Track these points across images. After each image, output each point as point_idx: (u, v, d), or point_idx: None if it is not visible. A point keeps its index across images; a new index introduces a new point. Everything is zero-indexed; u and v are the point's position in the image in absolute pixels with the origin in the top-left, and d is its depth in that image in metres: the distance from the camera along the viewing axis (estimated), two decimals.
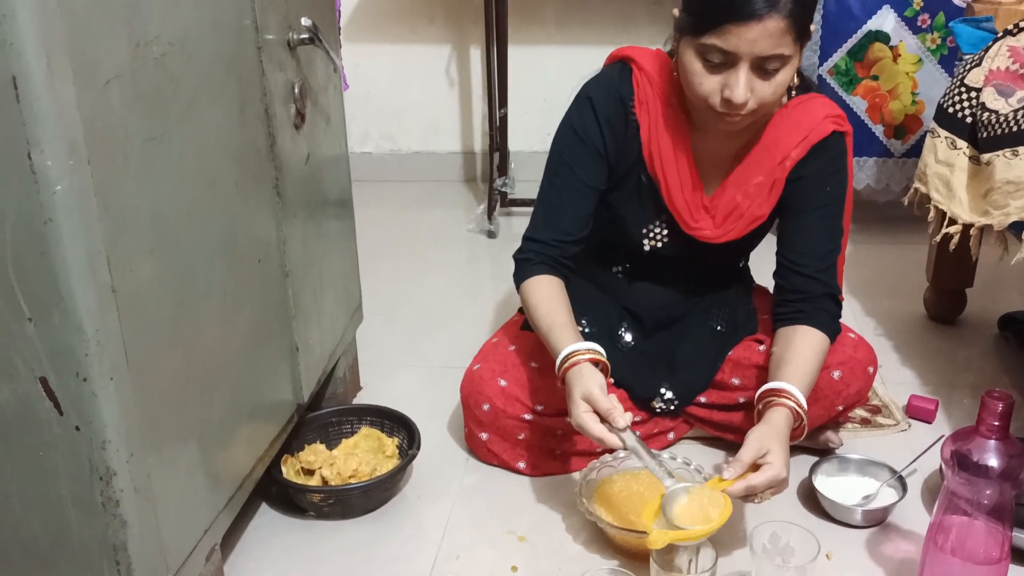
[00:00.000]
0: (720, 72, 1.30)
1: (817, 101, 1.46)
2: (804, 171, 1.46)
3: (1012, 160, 1.54)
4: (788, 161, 1.45)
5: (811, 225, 1.48)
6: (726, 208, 1.49)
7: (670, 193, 1.48)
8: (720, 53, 1.28)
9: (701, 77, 1.31)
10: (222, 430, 1.19)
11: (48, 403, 0.92)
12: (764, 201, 1.48)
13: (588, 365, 1.35)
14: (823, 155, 1.45)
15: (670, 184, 1.47)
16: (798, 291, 1.46)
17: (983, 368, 1.93)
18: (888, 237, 2.57)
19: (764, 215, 1.50)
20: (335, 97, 1.57)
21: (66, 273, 0.87)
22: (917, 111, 2.44)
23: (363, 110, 3.12)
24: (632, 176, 1.50)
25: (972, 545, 1.15)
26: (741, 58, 1.27)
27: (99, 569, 1.00)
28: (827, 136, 1.45)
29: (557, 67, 2.99)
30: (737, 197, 1.48)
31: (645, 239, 1.54)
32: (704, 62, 1.30)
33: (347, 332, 1.71)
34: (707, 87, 1.31)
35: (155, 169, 1.00)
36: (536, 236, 1.50)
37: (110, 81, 0.91)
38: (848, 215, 1.53)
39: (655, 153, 1.46)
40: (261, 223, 1.29)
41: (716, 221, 1.50)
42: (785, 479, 1.26)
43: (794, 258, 1.48)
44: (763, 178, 1.47)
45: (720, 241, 1.51)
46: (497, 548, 1.39)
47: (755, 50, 1.26)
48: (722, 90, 1.30)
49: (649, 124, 1.45)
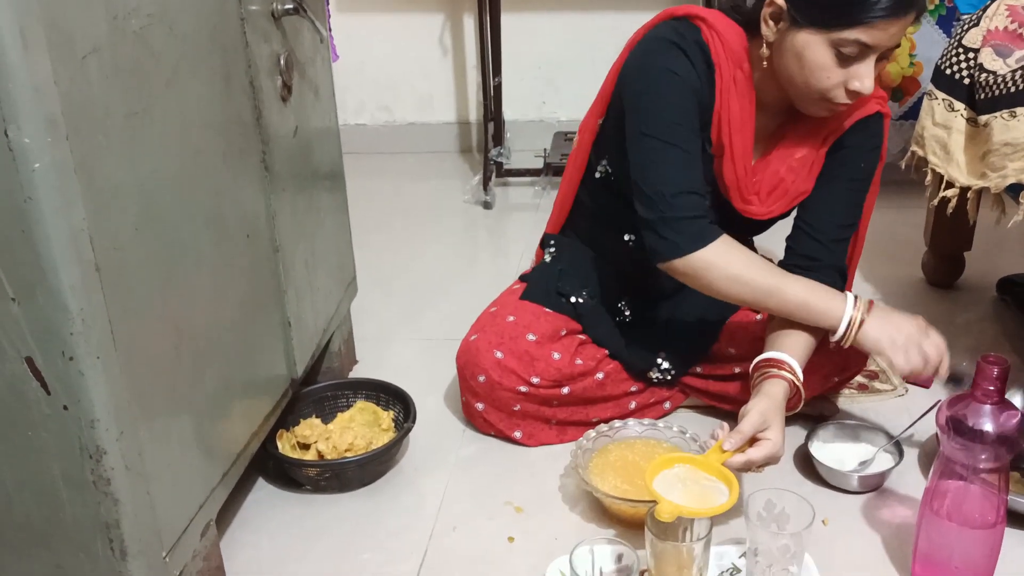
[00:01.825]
0: (848, 64, 1.27)
1: None
2: (843, 143, 1.44)
3: (1010, 121, 1.52)
4: (832, 136, 1.44)
5: (838, 195, 1.46)
6: (770, 183, 1.45)
7: (734, 162, 1.41)
8: (858, 46, 1.24)
9: (830, 71, 1.27)
10: (215, 406, 1.19)
11: (35, 383, 0.92)
12: (808, 176, 1.45)
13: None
14: (864, 131, 1.44)
15: (735, 153, 1.41)
16: (807, 256, 1.44)
17: (981, 332, 1.92)
18: (885, 201, 2.53)
19: (808, 190, 1.46)
20: (323, 68, 1.55)
21: (49, 252, 0.87)
22: (915, 72, 2.42)
23: (357, 81, 3.10)
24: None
25: (968, 509, 1.15)
26: (876, 51, 1.25)
27: (93, 547, 1.00)
28: (871, 114, 1.43)
29: (551, 34, 2.96)
30: (781, 171, 1.45)
31: None
32: (838, 55, 1.26)
33: (341, 306, 1.70)
34: (834, 80, 1.28)
35: (138, 144, 0.98)
36: (690, 188, 1.34)
37: (88, 55, 0.89)
38: (872, 200, 1.51)
39: (724, 119, 1.39)
40: (249, 197, 1.27)
41: (760, 196, 1.46)
42: (781, 455, 1.27)
43: (812, 222, 1.45)
44: (806, 153, 1.44)
45: (766, 218, 1.48)
46: (494, 519, 1.39)
47: (893, 42, 1.25)
48: (847, 82, 1.27)
49: (722, 88, 1.38)
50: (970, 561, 1.17)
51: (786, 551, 1.14)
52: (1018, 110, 1.51)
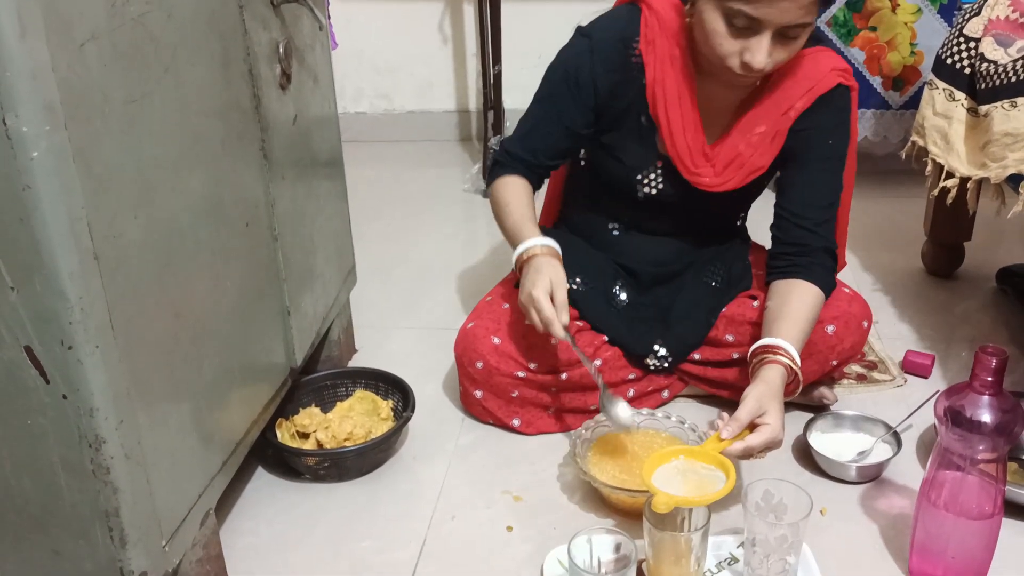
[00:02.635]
0: (742, 36, 1.28)
1: (824, 54, 1.45)
2: (807, 123, 1.45)
3: (1010, 112, 1.52)
4: (792, 112, 1.44)
5: (813, 178, 1.47)
6: (727, 156, 1.48)
7: (672, 136, 1.46)
8: (747, 19, 1.26)
9: (722, 39, 1.30)
10: (214, 394, 1.19)
11: (34, 371, 0.91)
12: (766, 151, 1.47)
13: (557, 262, 1.42)
14: (827, 107, 1.45)
15: (672, 126, 1.46)
16: (795, 244, 1.46)
17: (981, 322, 1.92)
18: (886, 190, 2.55)
19: (765, 165, 1.49)
20: (322, 56, 1.54)
21: (47, 240, 0.86)
22: (916, 62, 2.41)
23: (356, 69, 3.09)
24: (630, 117, 1.49)
25: (965, 500, 1.15)
26: (767, 26, 1.26)
27: (92, 535, 1.00)
28: (832, 88, 1.44)
29: (551, 22, 2.93)
30: (740, 146, 1.47)
31: (640, 185, 1.53)
32: (728, 25, 1.28)
33: (340, 294, 1.70)
34: (727, 48, 1.30)
35: (136, 131, 0.98)
36: (511, 148, 1.56)
37: (86, 42, 0.89)
38: (851, 172, 1.52)
39: (659, 94, 1.45)
40: (248, 185, 1.27)
41: (716, 169, 1.48)
42: (781, 439, 1.26)
43: (793, 209, 1.47)
44: (766, 128, 1.45)
45: (719, 189, 1.50)
46: (492, 508, 1.39)
47: (783, 20, 1.26)
48: (742, 53, 1.29)
49: (655, 64, 1.44)
50: (967, 552, 1.17)
51: (784, 541, 1.14)
52: (1019, 100, 1.51)
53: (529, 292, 1.37)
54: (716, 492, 1.18)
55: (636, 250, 1.62)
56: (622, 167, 1.53)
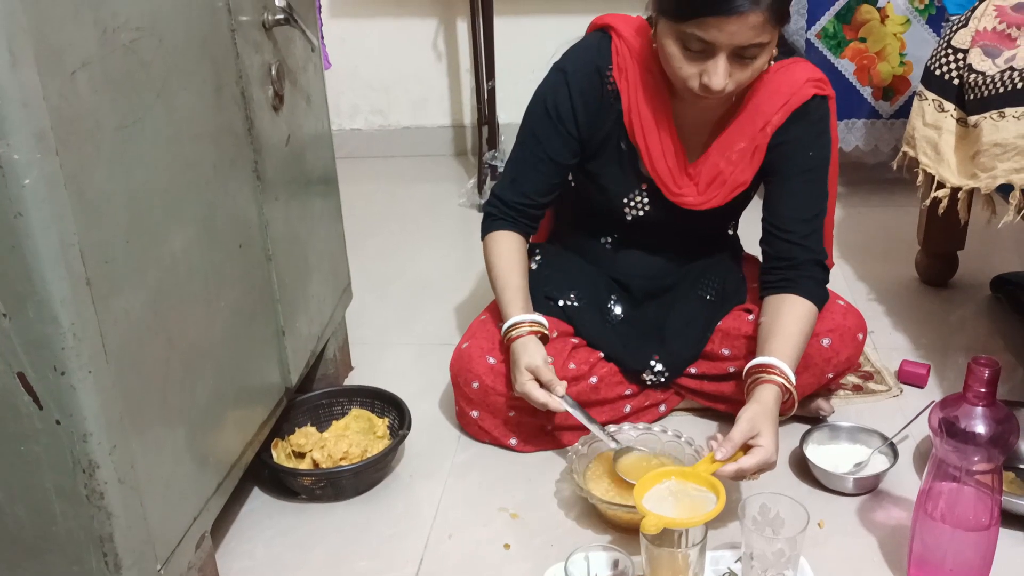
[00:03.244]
0: (699, 59, 1.30)
1: (798, 66, 1.45)
2: (786, 136, 1.45)
3: (999, 122, 1.53)
4: (769, 127, 1.45)
5: (795, 190, 1.47)
6: (709, 175, 1.49)
7: (652, 160, 1.48)
8: (700, 42, 1.28)
9: (680, 62, 1.32)
10: (208, 417, 1.19)
11: (27, 398, 0.91)
12: (747, 167, 1.48)
13: (533, 339, 1.45)
14: (804, 119, 1.45)
15: (652, 151, 1.47)
16: (784, 258, 1.46)
17: (976, 330, 1.93)
18: (878, 200, 2.56)
19: (747, 181, 1.49)
20: (315, 77, 1.55)
21: (39, 267, 0.86)
22: (905, 72, 2.42)
23: (351, 86, 3.10)
24: (611, 144, 1.50)
25: (962, 511, 1.15)
26: (720, 49, 1.28)
27: (86, 560, 1.00)
28: (808, 100, 1.44)
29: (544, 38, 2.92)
30: (720, 164, 1.48)
31: (627, 208, 1.54)
32: (683, 49, 1.31)
33: (336, 312, 1.70)
34: (685, 72, 1.32)
35: (128, 157, 0.98)
36: (502, 195, 1.56)
37: (77, 70, 0.89)
38: (834, 180, 1.52)
39: (635, 121, 1.46)
40: (241, 207, 1.27)
41: (699, 188, 1.49)
42: (775, 461, 1.27)
43: (780, 224, 1.47)
44: (745, 144, 1.46)
45: (703, 208, 1.51)
46: (490, 526, 1.39)
47: (734, 41, 1.27)
48: (700, 75, 1.31)
49: (629, 92, 1.45)
50: (965, 563, 1.17)
51: (781, 555, 1.14)
52: (1007, 110, 1.52)
53: (516, 390, 1.44)
54: (705, 514, 1.18)
55: (629, 264, 1.62)
56: (608, 193, 1.54)
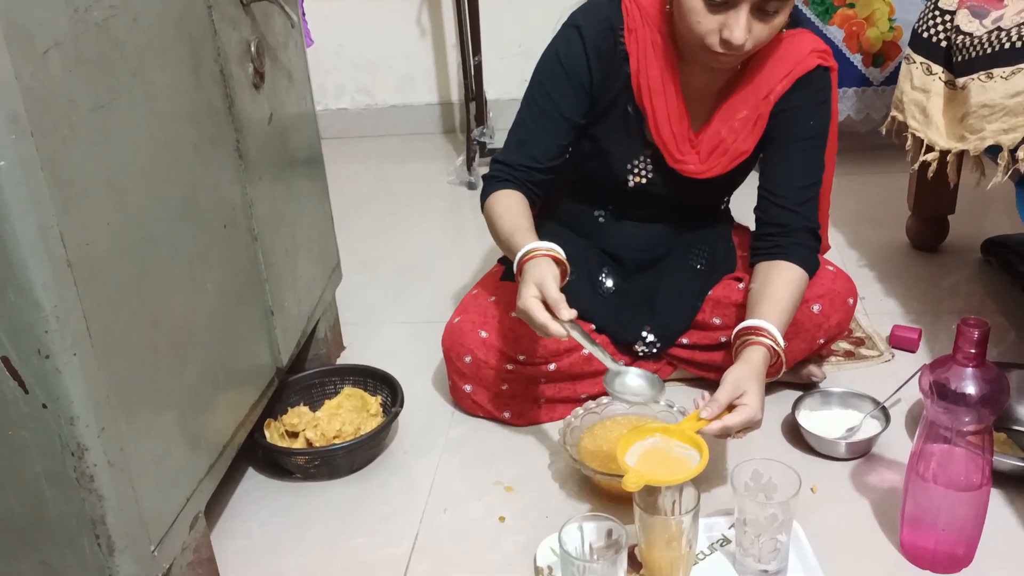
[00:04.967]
0: (720, 12, 1.28)
1: (803, 36, 1.45)
2: (788, 104, 1.45)
3: (987, 83, 1.52)
4: (772, 95, 1.44)
5: (793, 158, 1.47)
6: (711, 142, 1.48)
7: (657, 124, 1.46)
8: None
9: (700, 16, 1.30)
10: (198, 398, 1.18)
11: (13, 382, 0.91)
12: (748, 135, 1.47)
13: (547, 259, 1.33)
14: (807, 88, 1.44)
15: (657, 115, 1.45)
16: (777, 224, 1.46)
17: (967, 294, 1.93)
18: (870, 167, 2.55)
19: (748, 150, 1.49)
20: (296, 54, 1.53)
21: (18, 250, 0.86)
22: (895, 37, 2.40)
23: (336, 65, 3.08)
24: (618, 107, 1.48)
25: (953, 472, 1.15)
26: (743, 0, 1.25)
27: (79, 543, 1.00)
28: (811, 70, 1.43)
29: (531, 11, 2.93)
30: (722, 131, 1.47)
31: (630, 175, 1.53)
32: (705, 1, 1.28)
33: (326, 292, 1.70)
34: (706, 26, 1.30)
35: (105, 138, 0.97)
36: (506, 159, 1.50)
37: (49, 50, 0.88)
38: (832, 153, 1.51)
39: (643, 83, 1.44)
40: (224, 187, 1.26)
41: (701, 156, 1.48)
42: (759, 420, 1.26)
43: (775, 190, 1.47)
44: (748, 112, 1.45)
45: (705, 176, 1.50)
46: (484, 500, 1.39)
47: None
48: (720, 30, 1.29)
49: (638, 54, 1.43)
50: (957, 523, 1.18)
51: (774, 520, 1.15)
52: (995, 71, 1.51)
53: (518, 306, 1.31)
54: (689, 471, 1.18)
55: (621, 236, 1.62)
56: (611, 158, 1.52)
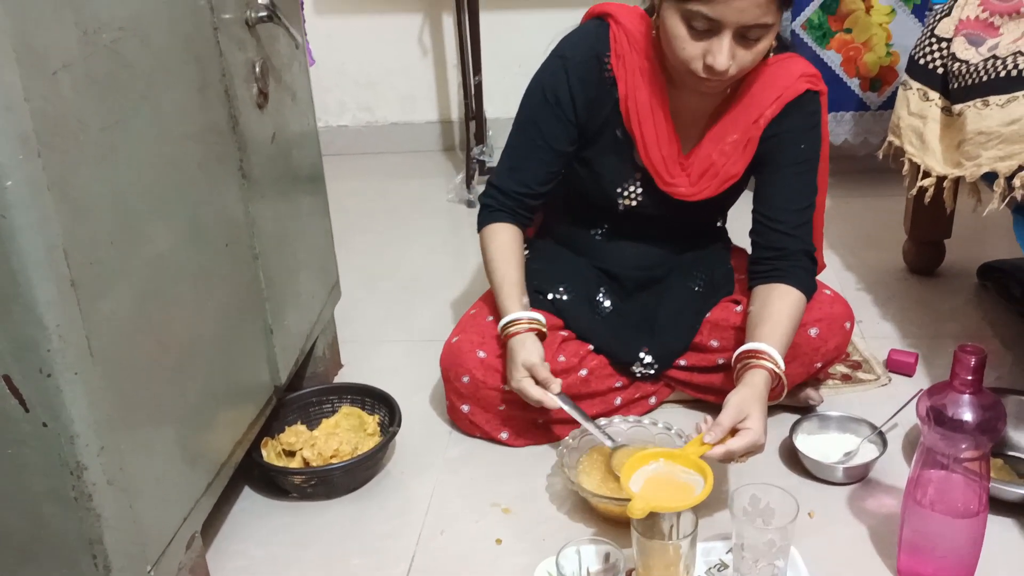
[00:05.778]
0: (703, 39, 1.30)
1: (793, 60, 1.46)
2: (778, 128, 1.46)
3: (983, 110, 1.53)
4: (762, 120, 1.45)
5: (787, 182, 1.48)
6: (701, 166, 1.49)
7: (647, 148, 1.48)
8: (705, 20, 1.28)
9: (684, 42, 1.32)
10: (197, 417, 1.18)
11: (14, 401, 0.91)
12: (739, 159, 1.48)
13: (531, 336, 1.45)
14: (797, 113, 1.46)
15: (647, 139, 1.47)
16: (774, 248, 1.47)
17: (964, 318, 1.94)
18: (867, 190, 2.56)
19: (738, 173, 1.50)
20: (300, 74, 1.54)
21: (23, 269, 0.86)
22: (892, 62, 2.43)
23: (337, 82, 3.09)
24: (607, 131, 1.50)
25: (951, 499, 1.15)
26: (726, 26, 1.28)
27: (77, 562, 0.99)
28: (801, 94, 1.45)
29: (530, 31, 2.94)
30: (712, 155, 1.48)
31: (620, 198, 1.54)
32: (688, 28, 1.30)
33: (325, 310, 1.70)
34: (689, 52, 1.32)
35: (113, 157, 0.98)
36: (500, 185, 1.55)
37: (59, 70, 0.89)
38: (824, 175, 1.53)
39: (632, 108, 1.46)
40: (228, 206, 1.27)
41: (691, 179, 1.50)
42: (763, 443, 1.27)
43: (770, 214, 1.48)
44: (738, 136, 1.47)
45: (695, 199, 1.51)
46: (482, 521, 1.39)
47: (741, 19, 1.27)
48: (704, 56, 1.31)
49: (626, 79, 1.46)
50: (955, 549, 1.18)
51: (772, 545, 1.15)
52: (991, 99, 1.52)
53: (512, 385, 1.44)
54: (694, 498, 1.18)
55: (619, 255, 1.63)
56: (602, 181, 1.54)
